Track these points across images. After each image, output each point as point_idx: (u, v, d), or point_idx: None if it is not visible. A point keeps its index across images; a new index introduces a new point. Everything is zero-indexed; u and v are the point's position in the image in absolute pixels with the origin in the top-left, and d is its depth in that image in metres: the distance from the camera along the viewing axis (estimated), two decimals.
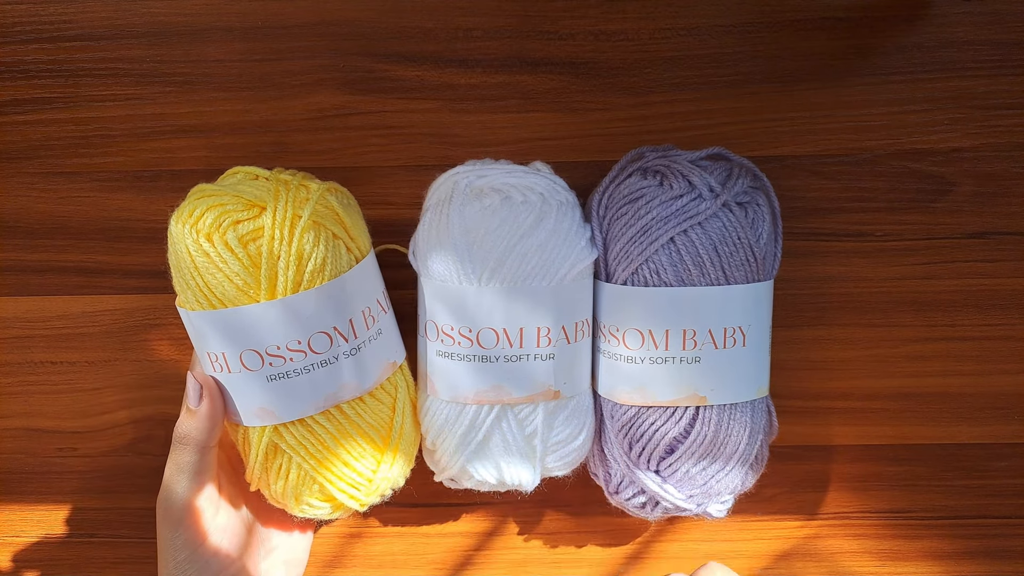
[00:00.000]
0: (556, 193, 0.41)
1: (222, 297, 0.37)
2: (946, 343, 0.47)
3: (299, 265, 0.37)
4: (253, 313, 0.37)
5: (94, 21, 0.46)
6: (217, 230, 0.36)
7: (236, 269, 0.36)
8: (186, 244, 0.37)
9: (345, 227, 0.39)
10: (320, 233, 0.37)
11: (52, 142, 0.47)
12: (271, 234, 0.36)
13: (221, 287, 0.37)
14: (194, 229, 0.36)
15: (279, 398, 0.38)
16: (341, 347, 0.38)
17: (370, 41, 0.45)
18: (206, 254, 0.36)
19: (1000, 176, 0.46)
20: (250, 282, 0.36)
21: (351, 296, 0.38)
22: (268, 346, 0.37)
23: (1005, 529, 0.49)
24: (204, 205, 0.37)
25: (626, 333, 0.41)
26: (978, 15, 0.44)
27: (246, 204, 0.37)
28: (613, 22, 0.45)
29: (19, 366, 0.49)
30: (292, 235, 0.37)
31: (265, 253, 0.36)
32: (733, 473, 0.42)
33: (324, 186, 0.39)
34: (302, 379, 0.38)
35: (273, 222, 0.36)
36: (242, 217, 0.37)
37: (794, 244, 0.46)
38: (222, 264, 0.36)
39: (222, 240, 0.36)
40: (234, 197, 0.37)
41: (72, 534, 0.51)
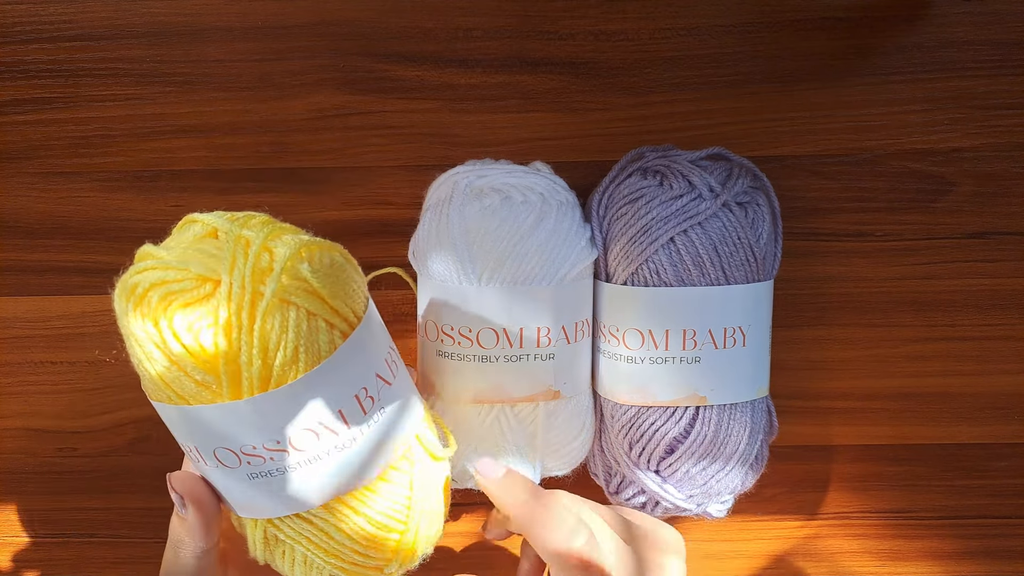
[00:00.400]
0: (556, 193, 0.41)
1: (180, 392, 0.30)
2: (946, 343, 0.47)
3: (264, 359, 0.29)
4: (218, 414, 0.29)
5: (94, 21, 0.46)
6: (164, 313, 0.29)
7: (189, 364, 0.29)
8: (132, 327, 0.29)
9: (323, 300, 0.31)
10: (288, 313, 0.29)
11: (52, 142, 0.47)
12: (227, 320, 0.28)
13: (179, 383, 0.29)
14: (139, 310, 0.29)
15: (265, 496, 0.32)
16: (331, 441, 0.31)
17: (370, 41, 0.45)
18: (154, 343, 0.29)
19: (1000, 176, 0.46)
20: (208, 380, 0.29)
21: (339, 382, 0.31)
22: (243, 445, 0.30)
23: (1005, 529, 0.49)
24: (148, 280, 0.29)
25: (626, 333, 0.41)
26: (978, 15, 0.44)
27: (197, 279, 0.29)
28: (613, 22, 0.45)
29: (19, 366, 0.49)
30: (253, 320, 0.28)
31: (221, 345, 0.28)
32: (733, 473, 0.42)
33: (294, 248, 0.30)
34: (289, 476, 0.31)
35: (228, 304, 0.28)
36: (192, 298, 0.29)
37: (794, 244, 0.46)
38: (175, 357, 0.29)
39: (171, 330, 0.28)
40: (181, 270, 0.29)
41: (72, 534, 0.51)
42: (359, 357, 0.31)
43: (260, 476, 0.31)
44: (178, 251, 0.30)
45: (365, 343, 0.32)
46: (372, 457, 0.32)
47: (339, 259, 0.32)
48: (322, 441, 0.31)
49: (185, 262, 0.29)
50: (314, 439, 0.30)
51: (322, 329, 0.30)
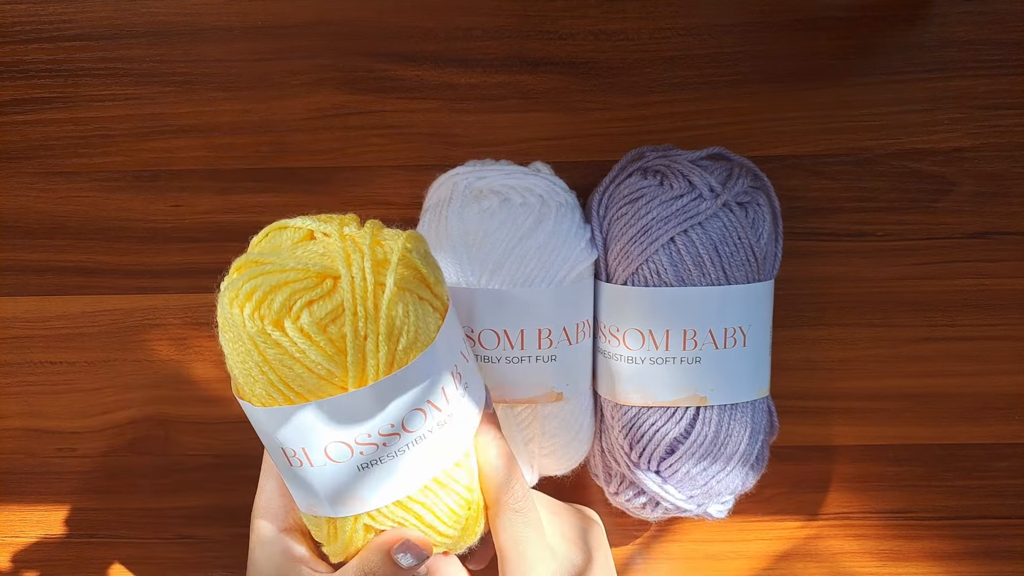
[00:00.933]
0: (555, 195, 0.41)
1: (301, 390, 0.30)
2: (946, 343, 0.47)
3: (390, 343, 0.30)
4: (339, 405, 0.30)
5: (94, 21, 0.45)
6: (288, 315, 0.30)
7: (317, 359, 0.30)
8: (249, 334, 0.30)
9: (429, 285, 0.33)
10: (408, 300, 0.31)
11: (51, 142, 0.47)
12: (353, 311, 0.30)
13: (300, 381, 0.30)
14: (257, 315, 0.30)
15: (371, 486, 0.32)
16: (435, 418, 0.32)
17: (370, 41, 0.45)
18: (277, 344, 0.30)
19: (1001, 176, 0.46)
20: (334, 371, 0.30)
21: (441, 361, 0.32)
22: (358, 435, 0.31)
23: (1006, 529, 0.49)
24: (266, 284, 0.30)
25: (626, 333, 0.41)
26: (978, 15, 0.44)
27: (316, 276, 0.30)
28: (613, 22, 0.45)
29: (18, 366, 0.49)
30: (378, 309, 0.30)
31: (350, 336, 0.30)
32: (734, 473, 0.42)
33: (403, 241, 0.32)
34: (397, 462, 0.32)
35: (354, 297, 0.30)
36: (315, 296, 0.30)
37: (794, 244, 0.46)
38: (299, 355, 0.30)
39: (296, 328, 0.29)
40: (299, 270, 0.30)
41: (71, 534, 0.51)
42: (453, 335, 0.34)
43: (369, 465, 0.32)
44: (284, 255, 0.31)
45: (454, 322, 0.34)
46: (463, 432, 0.34)
47: (428, 248, 0.34)
48: (428, 419, 0.32)
49: (301, 262, 0.30)
50: (422, 418, 0.32)
51: (430, 312, 0.32)
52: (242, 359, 0.31)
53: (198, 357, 0.49)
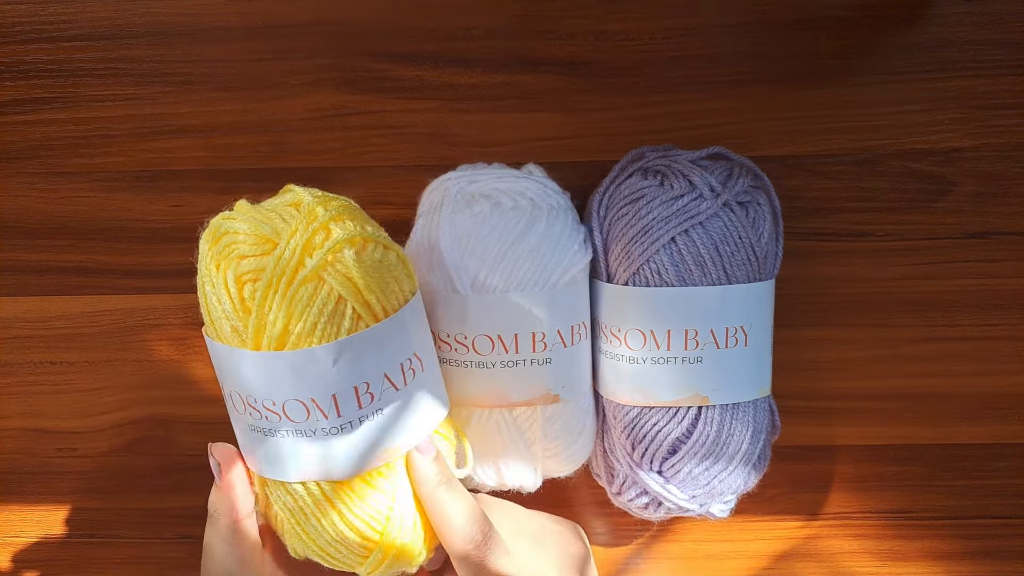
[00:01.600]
0: (547, 197, 0.41)
1: (219, 332, 0.33)
2: (947, 343, 0.47)
3: (287, 323, 0.32)
4: (238, 358, 0.33)
5: (94, 21, 0.45)
6: (225, 259, 0.33)
7: (228, 309, 0.32)
8: (203, 265, 0.34)
9: (356, 289, 0.33)
10: (320, 289, 0.32)
11: (52, 142, 0.47)
12: (268, 279, 0.32)
13: (220, 323, 0.33)
14: (211, 251, 0.33)
15: (258, 451, 0.35)
16: (320, 422, 0.33)
17: (370, 41, 0.45)
18: (212, 283, 0.33)
19: (1001, 176, 0.46)
20: (239, 327, 0.32)
21: (344, 369, 0.33)
22: (248, 396, 0.33)
23: (1006, 529, 0.49)
24: (225, 228, 0.33)
25: (628, 333, 0.41)
26: (978, 15, 0.44)
27: (259, 238, 0.33)
28: (613, 22, 0.45)
29: (19, 366, 0.49)
30: (288, 286, 0.32)
31: (257, 299, 0.32)
32: (736, 473, 0.42)
33: (346, 237, 0.33)
34: (278, 441, 0.34)
35: (275, 266, 0.32)
36: (249, 252, 0.32)
37: (795, 244, 0.46)
38: (217, 301, 0.33)
39: (222, 274, 0.33)
40: (254, 225, 0.33)
41: (71, 534, 0.51)
42: (370, 353, 0.33)
43: (257, 431, 0.34)
44: (263, 212, 0.34)
45: (381, 341, 0.34)
46: (357, 454, 0.34)
47: (391, 258, 0.35)
48: (311, 419, 0.33)
49: (260, 222, 0.33)
50: (304, 413, 0.33)
51: (347, 315, 0.33)
52: (200, 285, 0.34)
53: (198, 357, 0.49)
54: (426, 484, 0.35)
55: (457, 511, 0.35)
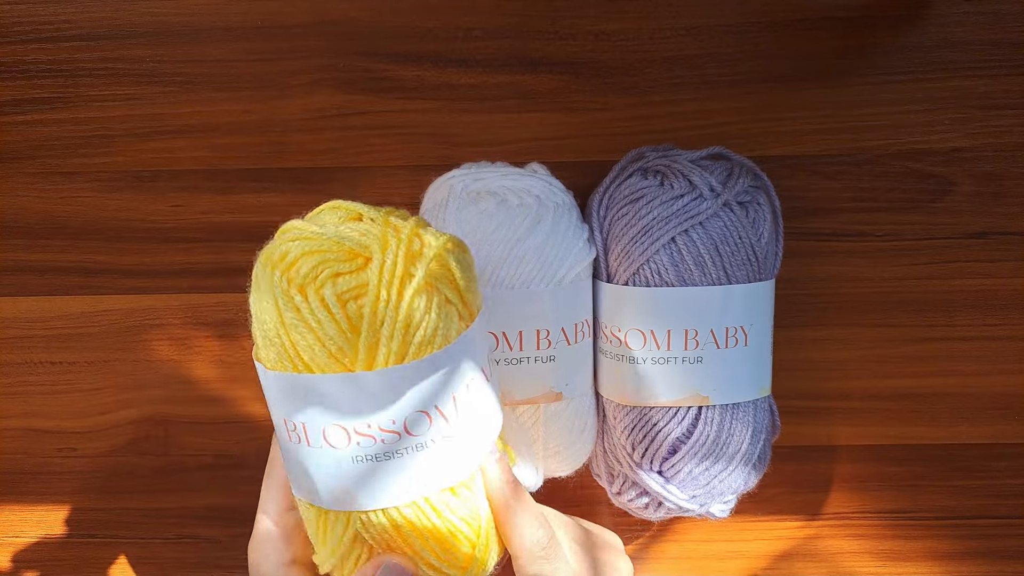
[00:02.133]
0: (553, 195, 0.41)
1: (310, 362, 0.30)
2: (947, 343, 0.47)
3: (406, 334, 0.30)
4: (344, 384, 0.30)
5: (94, 21, 0.45)
6: (313, 282, 0.30)
7: (332, 332, 0.30)
8: (274, 295, 0.30)
9: (459, 292, 0.32)
10: (433, 297, 0.31)
11: (52, 142, 0.47)
12: (376, 294, 0.30)
13: (311, 351, 0.30)
14: (285, 277, 0.30)
15: (363, 483, 0.32)
16: (440, 429, 0.32)
17: (370, 41, 0.45)
18: (297, 309, 0.30)
19: (1000, 176, 0.46)
20: (345, 348, 0.30)
21: (457, 367, 0.32)
22: (357, 423, 0.31)
23: (1006, 529, 0.49)
24: (299, 249, 0.31)
25: (628, 333, 0.41)
26: (978, 15, 0.44)
27: (348, 253, 0.30)
28: (613, 22, 0.45)
29: (18, 366, 0.49)
30: (401, 297, 0.30)
31: (367, 316, 0.30)
32: (736, 473, 0.42)
33: (443, 242, 0.32)
34: (392, 463, 0.31)
35: (380, 279, 0.30)
36: (343, 269, 0.30)
37: (795, 244, 0.46)
38: (315, 324, 0.30)
39: (318, 296, 0.30)
40: (335, 243, 0.31)
41: (71, 534, 0.51)
42: (475, 348, 0.33)
43: (364, 461, 0.31)
44: (328, 228, 0.32)
45: (477, 337, 0.33)
46: (468, 454, 0.33)
47: (471, 258, 0.34)
48: (433, 427, 0.31)
49: (339, 236, 0.31)
50: (427, 423, 0.31)
51: (454, 316, 0.32)
52: (264, 319, 0.31)
53: (198, 357, 0.49)
54: (499, 490, 0.34)
55: (527, 518, 0.34)
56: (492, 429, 0.34)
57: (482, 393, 0.33)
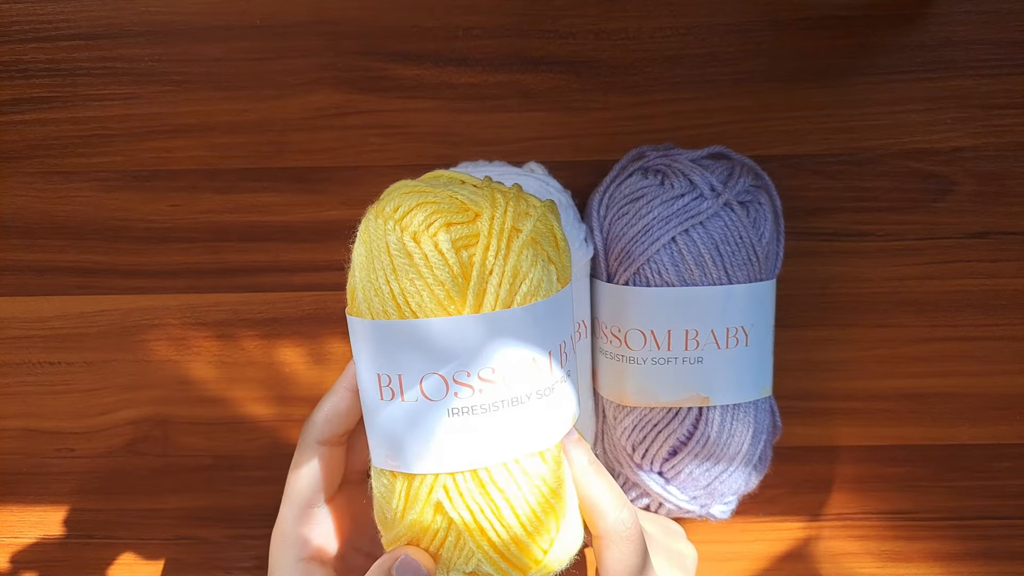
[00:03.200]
0: (549, 195, 0.41)
1: (417, 308, 0.31)
2: (948, 343, 0.47)
3: (512, 284, 0.31)
4: (450, 328, 0.31)
5: (92, 20, 0.45)
6: (427, 230, 0.31)
7: (443, 276, 0.31)
8: (387, 242, 0.31)
9: (560, 251, 0.34)
10: (538, 253, 0.32)
11: (50, 141, 0.47)
12: (486, 243, 0.31)
13: (419, 296, 0.31)
14: (399, 226, 0.31)
15: (457, 439, 0.32)
16: (536, 383, 0.32)
17: (369, 40, 0.45)
18: (409, 255, 0.31)
19: (1002, 176, 0.46)
20: (454, 294, 0.31)
21: (555, 326, 0.33)
22: (457, 371, 0.31)
23: (1007, 530, 0.49)
24: (413, 201, 0.32)
25: (628, 334, 0.41)
26: (979, 14, 0.44)
27: (460, 206, 0.32)
28: (613, 21, 0.45)
29: (17, 366, 0.49)
30: (510, 249, 0.31)
31: (478, 263, 0.31)
32: (737, 474, 0.42)
33: (546, 203, 0.34)
34: (488, 418, 0.31)
35: (490, 230, 0.31)
36: (456, 220, 0.31)
37: (795, 244, 0.46)
38: (426, 269, 0.31)
39: (432, 242, 0.31)
40: (448, 196, 0.32)
41: (69, 535, 0.51)
42: (568, 309, 0.34)
43: (460, 413, 0.31)
44: (436, 186, 0.33)
45: (571, 299, 0.35)
46: (558, 418, 0.33)
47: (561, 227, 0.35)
48: (531, 380, 0.32)
49: (452, 191, 0.32)
50: (524, 375, 0.32)
51: (553, 274, 0.33)
52: (369, 270, 0.32)
53: (197, 357, 0.48)
54: (581, 465, 0.34)
55: (609, 495, 0.34)
56: (574, 400, 0.35)
57: (572, 356, 0.34)
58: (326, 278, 0.47)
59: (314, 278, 0.47)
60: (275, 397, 0.49)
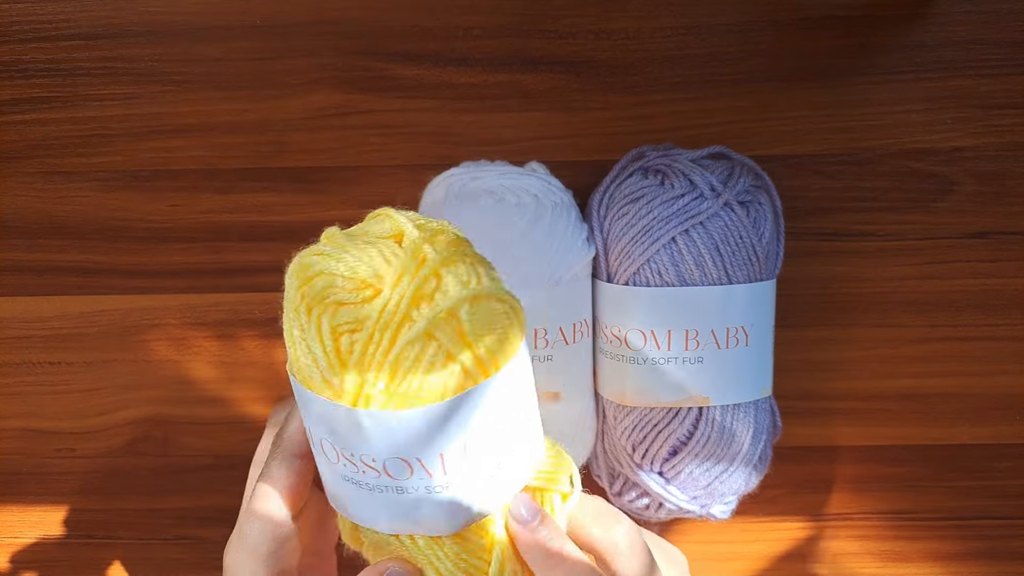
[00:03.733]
0: (551, 194, 0.41)
1: (308, 378, 0.29)
2: (948, 343, 0.47)
3: (389, 383, 0.28)
4: (330, 410, 0.29)
5: (92, 20, 0.45)
6: (319, 305, 0.29)
7: (322, 364, 0.29)
8: (292, 307, 0.30)
9: (472, 350, 0.29)
10: (427, 348, 0.28)
11: (50, 141, 0.46)
12: (369, 334, 0.28)
13: (307, 370, 0.29)
14: (299, 292, 0.29)
15: (351, 500, 0.31)
16: (423, 481, 0.30)
17: (369, 40, 0.45)
18: (302, 328, 0.29)
19: (1002, 176, 0.46)
20: (332, 380, 0.29)
21: (444, 429, 0.29)
22: (343, 449, 0.30)
23: (1008, 530, 0.49)
24: (317, 267, 0.29)
25: (628, 334, 0.41)
26: (979, 14, 0.44)
27: (359, 283, 0.29)
28: (613, 20, 0.45)
29: (17, 366, 0.49)
30: (394, 342, 0.28)
31: (356, 354, 0.28)
32: (737, 474, 0.42)
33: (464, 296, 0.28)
34: (374, 495, 0.30)
35: (379, 319, 0.28)
36: (348, 299, 0.28)
37: (795, 244, 0.46)
38: (307, 350, 0.29)
39: (315, 324, 0.29)
40: (351, 266, 0.29)
41: (69, 535, 0.51)
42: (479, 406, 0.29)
43: (350, 482, 0.30)
44: (359, 246, 0.30)
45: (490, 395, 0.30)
46: (458, 510, 0.31)
47: (507, 308, 0.30)
48: (414, 478, 0.30)
49: (359, 260, 0.29)
50: (408, 473, 0.29)
51: (455, 373, 0.29)
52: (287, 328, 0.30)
53: (197, 358, 0.48)
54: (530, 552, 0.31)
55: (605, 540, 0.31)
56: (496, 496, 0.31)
57: (486, 455, 0.30)
58: None
59: None
60: (275, 397, 0.49)
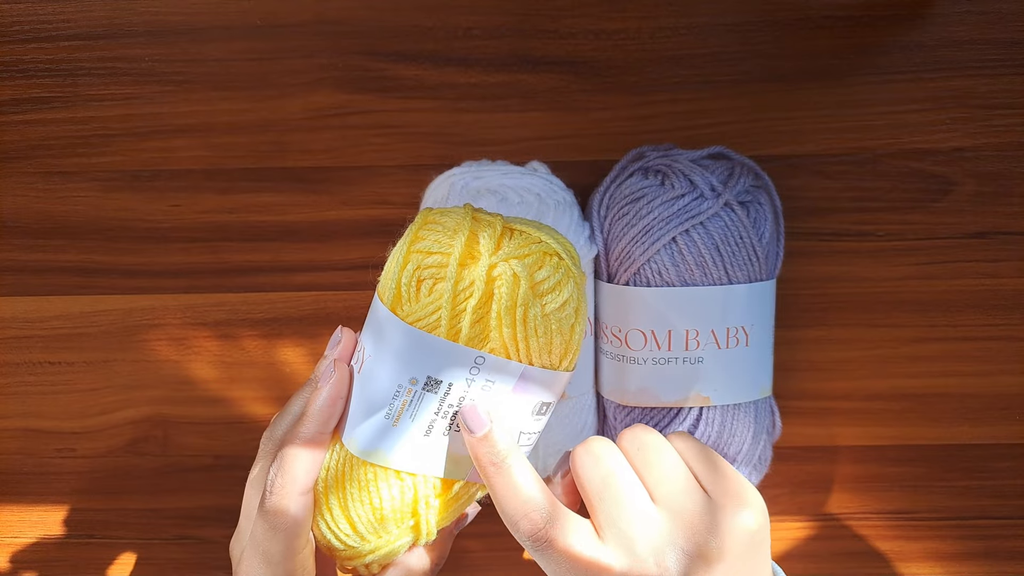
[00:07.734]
0: (553, 193, 0.41)
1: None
2: (948, 343, 0.47)
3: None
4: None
5: (92, 20, 0.45)
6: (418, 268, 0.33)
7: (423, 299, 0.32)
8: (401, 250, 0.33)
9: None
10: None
11: (50, 141, 0.47)
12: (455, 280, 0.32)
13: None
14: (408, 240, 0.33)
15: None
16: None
17: (369, 40, 0.45)
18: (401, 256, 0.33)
19: (1002, 176, 0.46)
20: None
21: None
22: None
23: (1007, 530, 0.49)
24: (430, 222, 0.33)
25: (628, 334, 0.41)
26: (980, 14, 0.44)
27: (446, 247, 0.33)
28: (614, 21, 0.45)
29: (17, 366, 0.49)
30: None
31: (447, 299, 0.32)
32: None
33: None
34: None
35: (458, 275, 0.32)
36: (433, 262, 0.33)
37: (796, 244, 0.46)
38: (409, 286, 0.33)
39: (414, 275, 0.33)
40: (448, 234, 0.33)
41: (70, 535, 0.51)
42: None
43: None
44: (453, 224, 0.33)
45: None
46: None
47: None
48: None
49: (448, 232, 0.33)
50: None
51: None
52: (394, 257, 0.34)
53: (197, 357, 0.48)
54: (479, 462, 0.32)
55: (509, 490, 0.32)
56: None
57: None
58: (326, 278, 0.47)
59: (314, 278, 0.47)
60: (275, 397, 0.49)
